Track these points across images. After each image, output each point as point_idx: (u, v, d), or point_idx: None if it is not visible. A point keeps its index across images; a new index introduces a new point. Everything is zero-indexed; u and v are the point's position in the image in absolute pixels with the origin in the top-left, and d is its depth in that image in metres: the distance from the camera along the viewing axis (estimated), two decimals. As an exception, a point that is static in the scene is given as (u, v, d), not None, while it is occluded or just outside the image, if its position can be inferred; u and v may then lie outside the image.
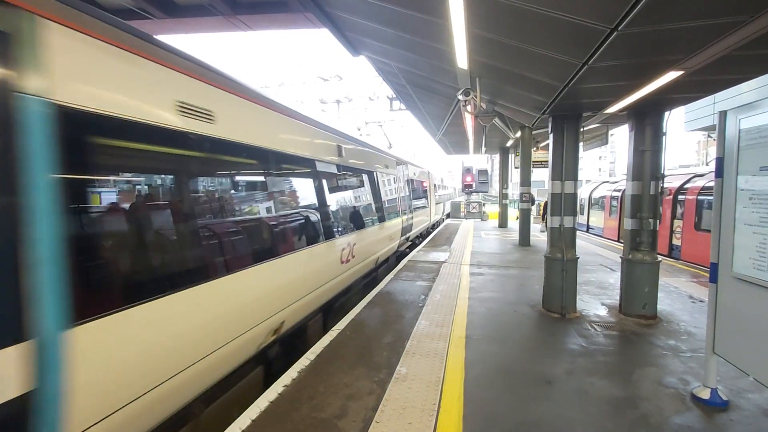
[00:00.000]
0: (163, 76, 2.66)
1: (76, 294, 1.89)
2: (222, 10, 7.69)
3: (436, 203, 20.21)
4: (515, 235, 13.26)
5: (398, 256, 11.03)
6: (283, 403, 3.20)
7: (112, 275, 2.24)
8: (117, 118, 2.24)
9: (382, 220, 8.41)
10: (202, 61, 3.21)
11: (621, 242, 12.05)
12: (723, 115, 3.10)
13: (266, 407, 3.14)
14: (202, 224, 2.96)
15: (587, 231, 17.45)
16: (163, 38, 3.01)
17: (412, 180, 13.09)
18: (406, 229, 11.34)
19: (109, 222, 2.29)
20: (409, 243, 13.12)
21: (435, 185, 19.97)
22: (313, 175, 5.05)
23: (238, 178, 3.56)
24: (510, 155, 17.48)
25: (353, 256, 6.13)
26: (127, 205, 2.43)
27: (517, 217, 17.61)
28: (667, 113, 5.24)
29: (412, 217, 12.55)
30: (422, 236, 15.86)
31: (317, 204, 5.09)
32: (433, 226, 19.27)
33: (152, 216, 2.63)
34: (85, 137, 2.10)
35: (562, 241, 5.53)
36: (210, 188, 3.15)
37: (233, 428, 2.86)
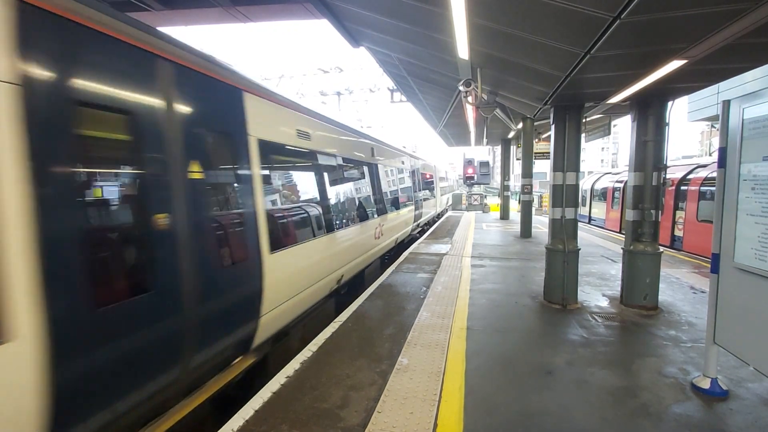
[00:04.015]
0: None
1: None
2: (221, 0, 7.62)
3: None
4: (516, 227, 13.25)
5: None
6: (285, 394, 3.23)
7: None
8: None
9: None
10: None
11: (623, 233, 12.02)
12: (726, 104, 3.07)
13: (269, 398, 3.17)
14: None
15: (589, 222, 17.42)
16: (163, 30, 2.97)
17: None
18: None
19: None
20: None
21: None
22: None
23: None
24: (512, 147, 17.40)
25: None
26: None
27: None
28: (670, 103, 5.20)
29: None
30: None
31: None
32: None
33: None
34: None
35: (564, 232, 5.53)
36: None
37: (236, 418, 2.89)
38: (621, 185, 14.48)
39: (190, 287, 2.75)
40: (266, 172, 3.77)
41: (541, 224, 14.57)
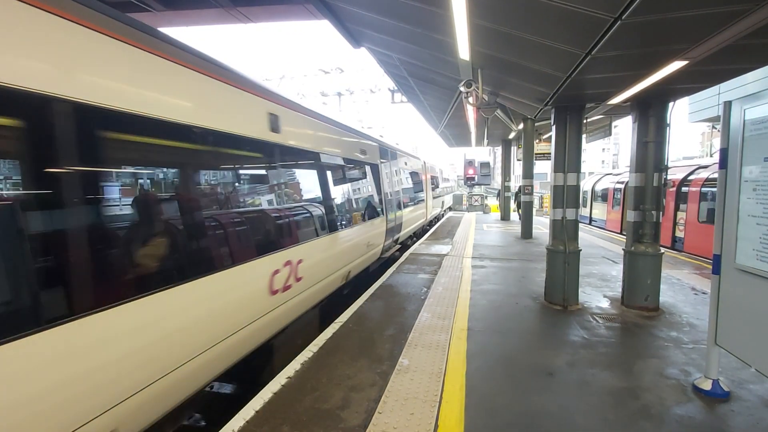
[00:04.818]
0: None
1: None
2: (222, 1, 7.63)
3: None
4: (517, 228, 13.25)
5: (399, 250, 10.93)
6: (286, 394, 3.23)
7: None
8: None
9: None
10: None
11: (624, 234, 12.01)
12: (728, 105, 3.06)
13: (269, 398, 3.17)
14: None
15: (590, 223, 17.42)
16: (164, 31, 2.97)
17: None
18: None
19: None
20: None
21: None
22: None
23: None
24: (512, 147, 17.40)
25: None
26: None
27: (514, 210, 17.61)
28: (671, 104, 5.19)
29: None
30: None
31: None
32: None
33: None
34: None
35: (565, 233, 5.52)
36: None
37: (237, 419, 2.89)
38: (622, 186, 14.47)
39: None
40: None
41: (541, 225, 14.57)
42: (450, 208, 26.39)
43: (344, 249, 5.92)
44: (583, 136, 5.75)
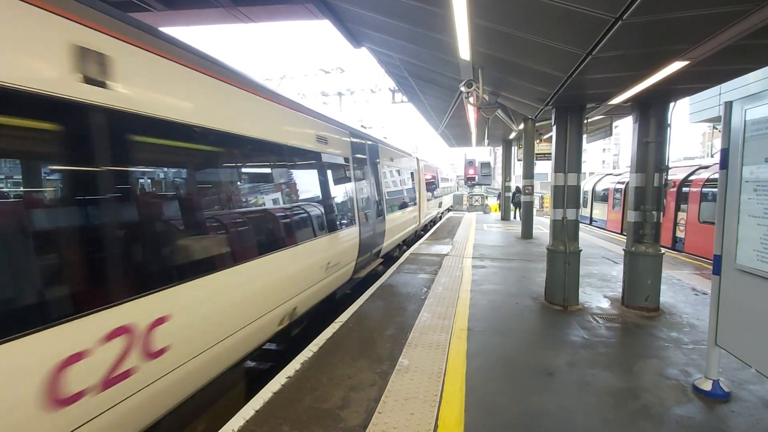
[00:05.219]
0: None
1: None
2: (222, 1, 7.63)
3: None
4: (517, 228, 13.25)
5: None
6: (286, 394, 3.23)
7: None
8: None
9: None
10: None
11: (624, 235, 12.01)
12: (728, 105, 3.06)
13: (269, 398, 3.17)
14: None
15: (590, 223, 17.41)
16: (165, 31, 2.97)
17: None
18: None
19: None
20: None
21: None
22: None
23: None
24: (513, 147, 17.40)
25: None
26: None
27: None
28: (671, 104, 5.19)
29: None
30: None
31: None
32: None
33: None
34: None
35: (565, 233, 5.52)
36: None
37: (237, 418, 2.89)
38: (622, 186, 14.45)
39: None
40: None
41: (541, 225, 14.56)
42: (449, 209, 26.42)
43: (280, 278, 4.01)
44: (584, 136, 5.75)
